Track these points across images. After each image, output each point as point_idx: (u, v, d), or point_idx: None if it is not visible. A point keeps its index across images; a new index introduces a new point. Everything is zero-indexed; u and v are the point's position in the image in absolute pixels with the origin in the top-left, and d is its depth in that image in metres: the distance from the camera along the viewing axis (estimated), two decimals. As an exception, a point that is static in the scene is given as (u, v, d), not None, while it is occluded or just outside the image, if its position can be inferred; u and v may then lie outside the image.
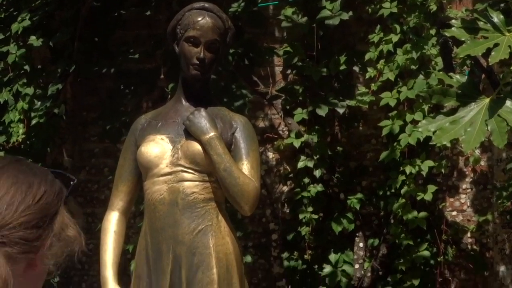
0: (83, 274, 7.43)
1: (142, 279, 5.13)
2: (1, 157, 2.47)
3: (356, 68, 7.00)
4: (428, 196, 6.51)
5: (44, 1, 6.78)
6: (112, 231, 5.30)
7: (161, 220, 5.05)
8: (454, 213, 7.04)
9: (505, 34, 4.47)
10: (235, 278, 5.05)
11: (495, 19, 4.57)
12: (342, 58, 6.88)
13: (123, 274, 5.43)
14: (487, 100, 4.53)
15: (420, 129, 5.06)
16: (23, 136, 6.79)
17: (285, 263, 6.98)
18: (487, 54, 4.54)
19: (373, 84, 6.70)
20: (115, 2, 6.93)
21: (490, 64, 4.67)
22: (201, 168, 5.02)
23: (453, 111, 4.69)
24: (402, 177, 6.52)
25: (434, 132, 4.74)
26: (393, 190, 6.62)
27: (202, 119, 5.03)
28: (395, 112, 6.54)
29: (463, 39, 4.69)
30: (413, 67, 6.47)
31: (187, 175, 5.03)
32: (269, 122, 7.21)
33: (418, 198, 6.52)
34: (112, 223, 5.30)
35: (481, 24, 4.62)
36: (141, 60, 6.95)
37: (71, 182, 2.23)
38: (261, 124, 7.11)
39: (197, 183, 5.03)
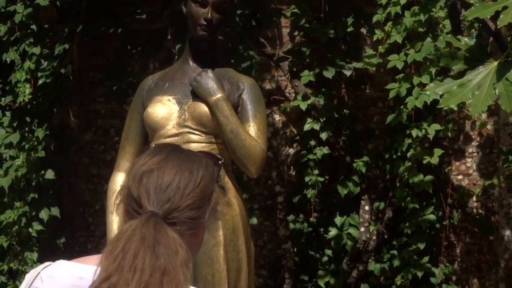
0: (89, 235, 7.46)
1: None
2: (163, 147, 2.78)
3: (363, 30, 6.99)
4: (434, 160, 6.52)
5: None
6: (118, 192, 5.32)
7: (168, 181, 5.07)
8: (460, 177, 7.05)
9: (515, -3, 4.46)
10: (241, 240, 5.07)
11: (505, -19, 4.56)
12: (350, 20, 6.87)
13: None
14: (495, 63, 4.52)
15: (427, 92, 5.04)
16: (30, 96, 6.78)
17: (291, 225, 7.00)
18: (495, 17, 4.53)
19: (380, 47, 6.69)
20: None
21: (498, 27, 4.66)
22: (207, 130, 5.03)
23: (460, 74, 4.69)
24: (408, 140, 6.52)
25: (441, 96, 4.73)
26: (399, 154, 6.62)
27: (209, 80, 5.04)
28: (402, 74, 6.53)
29: (471, 2, 4.68)
30: (420, 29, 6.46)
31: (194, 137, 5.04)
32: (275, 84, 7.20)
33: (424, 161, 6.53)
34: (118, 184, 5.31)
35: (490, -14, 4.61)
36: (148, 21, 6.94)
37: (219, 162, 2.78)
38: (267, 86, 7.11)
39: (203, 144, 5.04)
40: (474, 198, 6.97)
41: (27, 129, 6.84)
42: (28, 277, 2.71)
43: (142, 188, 2.50)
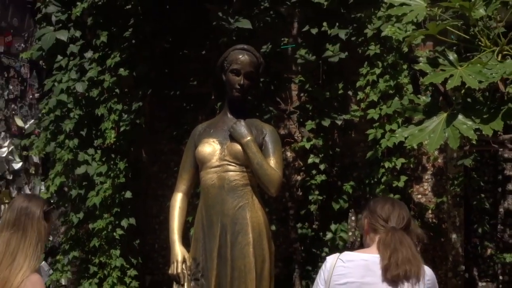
0: (155, 238, 7.45)
1: (199, 241, 5.14)
2: (386, 197, 4.47)
3: (350, 92, 6.98)
4: (401, 184, 6.47)
5: (130, 43, 6.81)
6: (178, 207, 5.31)
7: (212, 199, 5.06)
8: (419, 196, 7.01)
9: (458, 68, 4.45)
10: (264, 241, 5.05)
11: (451, 57, 4.55)
12: (340, 85, 6.86)
13: (184, 237, 5.42)
14: (445, 114, 4.51)
15: (396, 135, 5.03)
16: (114, 139, 6.80)
17: (299, 231, 6.97)
18: (444, 82, 4.53)
19: (362, 104, 6.67)
20: (180, 44, 6.94)
21: (446, 89, 4.65)
22: (240, 162, 5.02)
23: (420, 123, 4.67)
24: (382, 170, 6.49)
25: (406, 138, 4.72)
26: (375, 179, 6.58)
27: (241, 127, 5.04)
28: (377, 123, 6.50)
29: (427, 71, 4.68)
30: (391, 91, 6.45)
31: (231, 167, 5.04)
32: (287, 130, 7.20)
33: (394, 185, 6.48)
34: (178, 201, 5.31)
35: (440, 60, 4.60)
36: (198, 86, 6.96)
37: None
38: (282, 131, 7.11)
39: (238, 172, 5.04)
40: (430, 211, 6.93)
41: (112, 162, 6.85)
42: (330, 260, 3.70)
43: (387, 214, 3.71)
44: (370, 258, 3.62)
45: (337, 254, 3.71)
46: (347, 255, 3.69)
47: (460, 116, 4.43)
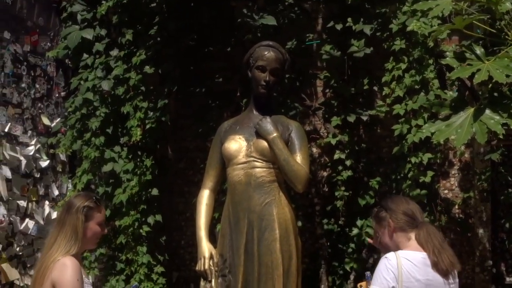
0: (182, 234, 7.48)
1: (226, 237, 5.17)
2: (402, 197, 4.46)
3: (375, 88, 6.97)
4: (427, 179, 6.46)
5: (155, 41, 6.84)
6: (204, 203, 5.33)
7: (239, 195, 5.08)
8: (446, 191, 6.99)
9: (485, 62, 4.44)
10: (291, 237, 5.07)
11: (478, 51, 4.53)
12: (365, 81, 6.87)
13: (211, 234, 5.45)
14: (472, 109, 4.49)
15: (423, 131, 5.02)
16: (140, 136, 6.82)
17: (325, 226, 6.98)
18: (471, 76, 4.51)
19: (388, 99, 6.66)
20: (205, 41, 6.96)
21: (473, 84, 4.64)
22: (267, 159, 5.04)
23: (446, 118, 4.66)
24: (408, 165, 6.47)
25: (432, 133, 4.71)
26: (402, 175, 6.57)
27: (267, 124, 5.06)
28: (403, 119, 6.49)
29: (454, 66, 4.67)
30: (416, 86, 6.43)
31: (257, 163, 5.06)
32: (313, 126, 7.21)
33: (420, 180, 6.47)
34: (204, 198, 5.33)
35: (467, 55, 4.58)
36: (223, 83, 6.98)
37: None
38: (307, 128, 7.11)
39: (264, 169, 5.05)
40: (457, 207, 6.91)
41: (138, 160, 6.88)
42: (393, 258, 3.83)
43: (412, 211, 4.00)
44: (423, 256, 3.82)
45: (393, 252, 3.86)
46: (408, 253, 3.85)
47: (487, 111, 4.41)
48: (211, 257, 5.14)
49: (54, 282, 4.03)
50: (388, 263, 3.84)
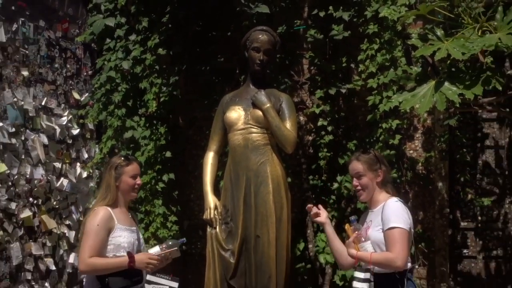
0: (191, 189, 7.45)
1: (228, 191, 5.19)
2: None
3: (352, 65, 6.94)
4: (396, 141, 6.49)
5: (167, 27, 6.79)
6: (210, 163, 5.35)
7: (239, 156, 5.10)
8: (411, 151, 6.98)
9: (444, 42, 4.43)
10: (282, 190, 5.10)
11: (438, 33, 4.53)
12: (344, 59, 6.83)
13: (215, 188, 5.45)
14: (433, 82, 4.50)
15: (392, 101, 5.03)
16: (155, 108, 6.82)
17: (310, 182, 6.97)
18: (433, 54, 4.50)
19: (363, 74, 6.65)
20: (209, 27, 6.92)
21: (434, 60, 4.63)
22: (262, 125, 5.05)
23: (412, 89, 4.66)
24: (380, 130, 6.48)
25: (400, 102, 4.71)
26: (374, 138, 6.58)
27: (262, 96, 5.06)
28: (376, 91, 6.49)
29: (418, 46, 4.65)
30: (387, 63, 6.41)
31: (254, 129, 5.07)
32: (300, 98, 7.17)
33: (390, 142, 6.49)
34: (210, 158, 5.36)
35: (429, 36, 4.58)
36: (225, 62, 6.94)
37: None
38: (295, 99, 7.07)
39: (259, 134, 5.07)
40: (420, 164, 6.91)
41: (154, 128, 6.87)
42: (401, 201, 4.16)
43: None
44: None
45: (397, 198, 4.23)
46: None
47: (446, 83, 4.42)
48: (215, 207, 5.17)
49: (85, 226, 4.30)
50: (403, 204, 4.11)
